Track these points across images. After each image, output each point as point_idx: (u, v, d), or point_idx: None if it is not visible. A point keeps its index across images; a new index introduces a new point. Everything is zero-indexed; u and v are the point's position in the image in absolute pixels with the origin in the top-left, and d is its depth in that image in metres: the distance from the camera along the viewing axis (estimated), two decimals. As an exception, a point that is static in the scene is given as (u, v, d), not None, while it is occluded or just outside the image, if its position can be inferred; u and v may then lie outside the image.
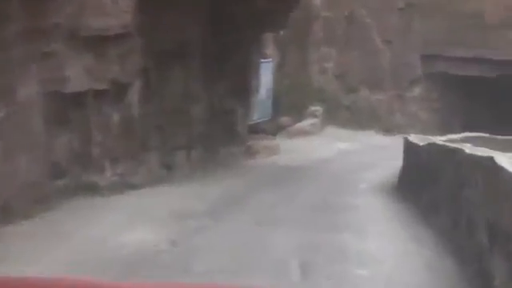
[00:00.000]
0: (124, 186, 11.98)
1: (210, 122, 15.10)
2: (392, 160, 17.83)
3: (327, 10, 24.00)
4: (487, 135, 14.68)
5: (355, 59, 23.98)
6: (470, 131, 15.40)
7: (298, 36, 23.61)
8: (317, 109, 22.90)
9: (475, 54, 23.05)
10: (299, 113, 22.57)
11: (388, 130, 23.18)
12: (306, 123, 22.21)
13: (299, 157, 17.75)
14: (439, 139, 13.52)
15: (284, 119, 21.84)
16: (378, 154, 18.90)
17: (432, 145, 10.10)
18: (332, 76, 24.28)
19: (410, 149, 12.18)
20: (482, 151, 7.96)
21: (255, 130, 19.34)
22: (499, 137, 15.06)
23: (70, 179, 11.13)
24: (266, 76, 20.39)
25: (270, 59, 21.10)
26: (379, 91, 23.95)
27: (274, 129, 20.80)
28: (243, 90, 16.43)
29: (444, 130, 22.65)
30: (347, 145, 20.28)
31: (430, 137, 12.33)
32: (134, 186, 12.12)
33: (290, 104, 22.46)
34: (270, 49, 22.16)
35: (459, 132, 18.16)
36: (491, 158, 6.76)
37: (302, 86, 23.33)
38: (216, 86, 15.37)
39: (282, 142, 19.45)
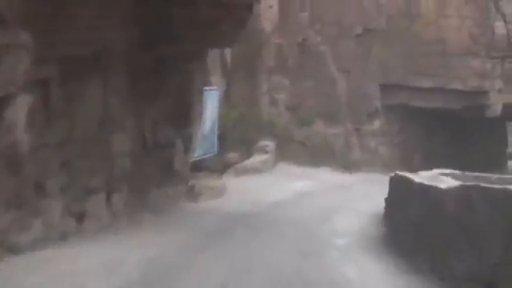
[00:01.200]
0: (2, 249, 7.38)
1: (139, 157, 10.70)
2: (360, 202, 13.90)
3: (279, 36, 19.99)
4: (459, 172, 11.15)
5: (309, 90, 19.97)
6: (433, 167, 12.09)
7: (247, 64, 19.50)
8: (267, 144, 18.64)
9: (439, 84, 19.39)
10: (248, 148, 18.32)
11: (346, 167, 19.09)
12: (255, 160, 17.90)
13: (250, 199, 13.51)
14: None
15: (231, 155, 17.52)
16: (342, 196, 14.85)
17: (475, 189, 5.89)
18: (284, 108, 20.12)
19: (408, 192, 7.98)
20: None
21: (198, 167, 15.02)
22: (471, 173, 11.77)
23: None
24: (210, 106, 16.03)
25: (216, 87, 16.78)
26: (335, 124, 19.93)
27: (219, 166, 16.50)
28: (183, 118, 12.04)
29: (405, 167, 18.84)
30: (304, 184, 16.09)
31: (436, 173, 8.24)
32: (18, 250, 7.55)
33: (238, 138, 18.23)
34: (217, 76, 17.88)
35: (421, 168, 14.80)
36: None
37: (251, 119, 19.11)
38: (148, 112, 11.03)
39: (228, 182, 15.16)
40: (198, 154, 15.03)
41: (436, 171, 11.06)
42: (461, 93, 19.32)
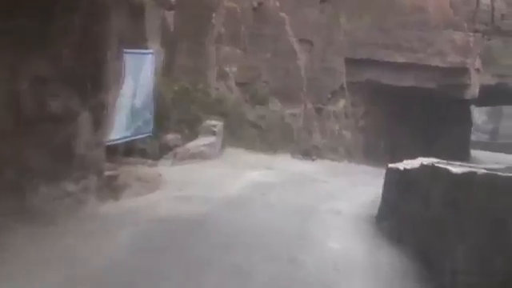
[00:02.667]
0: None
1: (9, 135, 5.76)
2: (337, 200, 9.54)
3: (231, -1, 15.20)
4: (444, 161, 7.24)
5: (265, 63, 15.40)
6: (400, 155, 9.47)
7: (193, 31, 14.65)
8: (215, 124, 13.86)
9: (413, 60, 15.06)
10: (191, 129, 13.57)
11: (306, 154, 14.59)
12: (200, 143, 13.14)
13: (194, 195, 8.89)
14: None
15: (170, 137, 12.78)
16: (311, 191, 10.52)
17: None
18: (235, 83, 15.40)
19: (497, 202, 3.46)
20: None
21: (126, 151, 10.19)
22: (456, 163, 8.09)
23: None
24: (143, 75, 11.06)
25: (151, 51, 11.82)
26: (294, 104, 15.43)
27: (155, 150, 11.69)
28: (91, 78, 7.13)
29: (370, 154, 14.60)
30: (261, 174, 11.58)
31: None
32: None
33: (180, 117, 13.49)
34: (155, 43, 12.92)
35: (388, 157, 11.20)
36: None
37: (195, 95, 14.40)
38: (27, 64, 6.08)
39: (165, 170, 10.42)
40: (126, 134, 10.20)
41: (420, 160, 7.78)
42: (438, 70, 15.14)
